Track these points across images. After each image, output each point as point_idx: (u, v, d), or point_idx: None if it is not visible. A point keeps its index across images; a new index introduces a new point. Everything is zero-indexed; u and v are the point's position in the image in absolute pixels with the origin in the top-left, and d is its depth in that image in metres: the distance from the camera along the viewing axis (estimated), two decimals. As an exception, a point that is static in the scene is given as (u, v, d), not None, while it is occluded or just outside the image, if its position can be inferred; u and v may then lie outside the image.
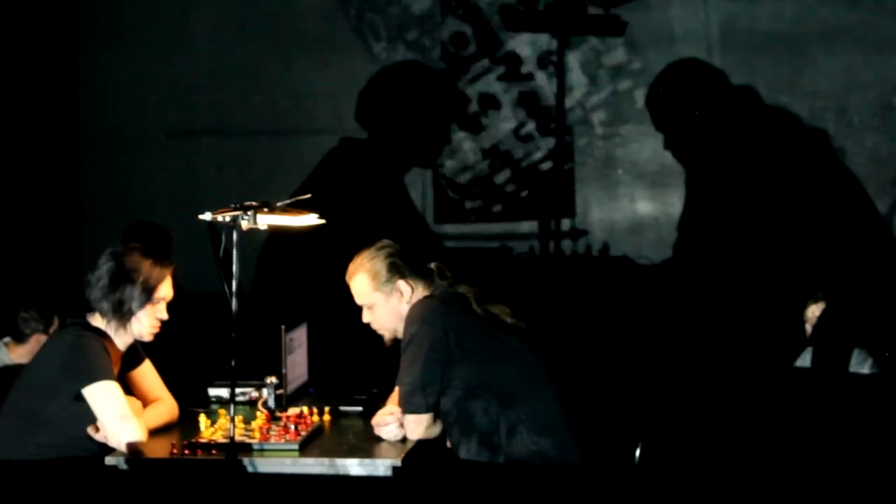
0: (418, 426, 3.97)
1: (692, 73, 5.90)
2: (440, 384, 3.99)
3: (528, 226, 6.35)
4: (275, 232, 3.82)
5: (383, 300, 4.16)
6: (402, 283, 4.14)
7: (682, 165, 5.83)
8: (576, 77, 6.34)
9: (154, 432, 4.00)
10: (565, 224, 6.18)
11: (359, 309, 4.23)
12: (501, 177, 6.66)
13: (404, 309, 4.12)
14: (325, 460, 3.77)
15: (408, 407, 3.99)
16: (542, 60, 6.58)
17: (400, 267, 4.16)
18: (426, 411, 3.99)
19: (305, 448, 3.89)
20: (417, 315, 4.06)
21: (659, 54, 5.97)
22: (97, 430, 3.89)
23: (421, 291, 4.16)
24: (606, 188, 6.00)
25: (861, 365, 4.96)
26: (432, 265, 4.23)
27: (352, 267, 4.21)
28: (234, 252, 3.63)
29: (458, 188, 6.67)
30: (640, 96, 6.10)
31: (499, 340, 4.09)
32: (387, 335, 4.21)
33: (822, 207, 5.54)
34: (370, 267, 4.16)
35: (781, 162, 5.65)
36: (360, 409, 4.36)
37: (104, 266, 4.06)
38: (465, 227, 6.52)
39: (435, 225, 6.55)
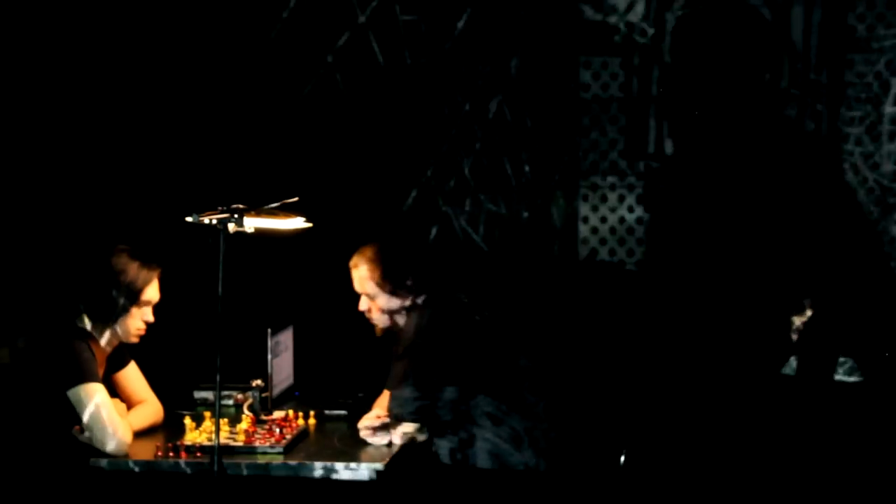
0: (405, 432, 3.97)
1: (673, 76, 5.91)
2: (431, 393, 4.00)
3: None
4: (262, 234, 3.80)
5: (383, 296, 4.16)
6: (402, 285, 4.14)
7: (669, 168, 5.83)
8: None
9: (139, 434, 4.00)
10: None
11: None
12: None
13: (402, 313, 4.14)
14: (310, 464, 3.77)
15: (396, 413, 3.99)
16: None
17: (403, 268, 4.15)
18: (415, 419, 3.99)
19: (290, 451, 3.89)
20: (415, 323, 4.07)
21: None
22: (81, 431, 3.88)
23: (420, 297, 4.16)
24: (595, 191, 5.99)
25: (847, 373, 4.98)
26: (433, 271, 4.22)
27: (356, 256, 4.20)
28: (221, 254, 3.62)
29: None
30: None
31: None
32: (379, 325, 4.22)
33: (812, 214, 5.55)
34: (377, 260, 4.16)
35: (771, 168, 5.65)
36: (345, 412, 4.36)
37: (91, 267, 4.05)
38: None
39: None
